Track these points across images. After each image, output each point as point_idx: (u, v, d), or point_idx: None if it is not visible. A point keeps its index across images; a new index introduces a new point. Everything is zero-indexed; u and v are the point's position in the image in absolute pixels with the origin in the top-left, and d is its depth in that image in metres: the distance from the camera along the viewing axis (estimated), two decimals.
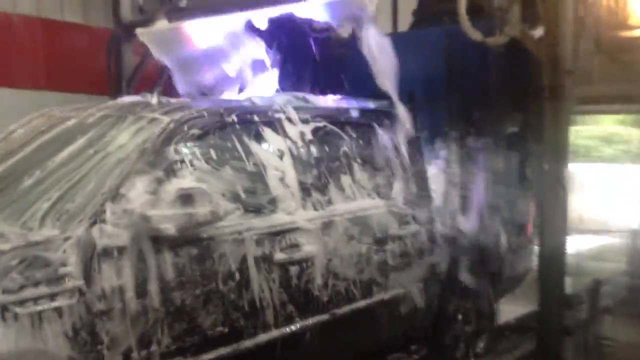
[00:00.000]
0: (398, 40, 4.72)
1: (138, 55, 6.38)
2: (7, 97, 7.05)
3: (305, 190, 3.88)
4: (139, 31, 5.66)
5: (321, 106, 4.37)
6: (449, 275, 4.81)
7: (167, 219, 3.04)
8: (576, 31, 4.16)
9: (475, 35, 4.31)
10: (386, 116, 4.72)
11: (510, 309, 5.79)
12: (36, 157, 3.52)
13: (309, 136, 4.08)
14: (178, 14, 5.54)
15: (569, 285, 4.39)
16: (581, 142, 12.10)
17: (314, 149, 4.08)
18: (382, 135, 4.62)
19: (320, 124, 4.20)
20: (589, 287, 5.41)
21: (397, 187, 4.53)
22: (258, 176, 3.68)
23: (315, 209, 3.89)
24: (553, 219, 4.15)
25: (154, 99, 3.76)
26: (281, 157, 3.84)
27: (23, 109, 4.51)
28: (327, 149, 4.19)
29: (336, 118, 4.34)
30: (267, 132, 3.84)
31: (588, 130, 12.69)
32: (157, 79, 6.31)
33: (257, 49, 5.50)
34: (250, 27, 5.40)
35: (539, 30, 4.12)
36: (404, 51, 4.60)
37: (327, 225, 3.92)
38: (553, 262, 4.17)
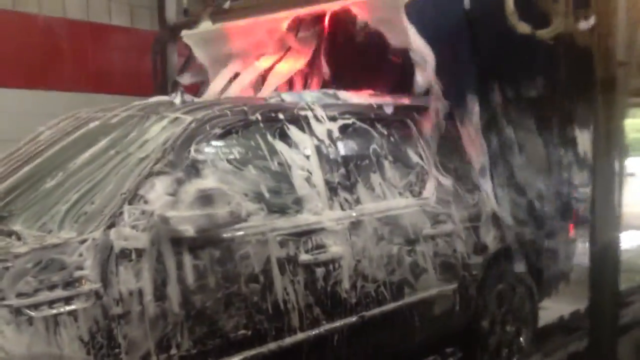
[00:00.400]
0: (421, 5, 4.51)
1: (183, 56, 6.37)
2: (57, 99, 7.17)
3: (332, 189, 3.77)
4: (184, 33, 5.68)
5: (350, 103, 4.25)
6: (490, 275, 4.63)
7: (186, 220, 2.96)
8: (630, 21, 3.97)
9: (524, 28, 4.12)
10: (420, 112, 4.58)
11: (561, 307, 5.71)
12: (59, 159, 3.49)
13: (336, 134, 3.97)
14: (222, 15, 5.55)
15: (622, 282, 4.20)
16: (636, 136, 11.64)
17: (342, 147, 3.96)
18: (415, 132, 4.47)
19: (349, 121, 4.09)
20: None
21: (430, 185, 4.37)
22: (283, 176, 3.59)
23: (343, 209, 3.78)
24: (605, 214, 3.99)
25: (177, 98, 3.69)
26: (307, 155, 3.74)
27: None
28: (355, 146, 4.07)
29: (366, 115, 4.22)
30: (293, 131, 3.74)
31: None
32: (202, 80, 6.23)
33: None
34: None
35: (591, 20, 3.96)
36: (429, 18, 4.50)
37: (355, 226, 3.80)
38: (605, 258, 4.01)
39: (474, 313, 4.55)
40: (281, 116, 3.72)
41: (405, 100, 4.65)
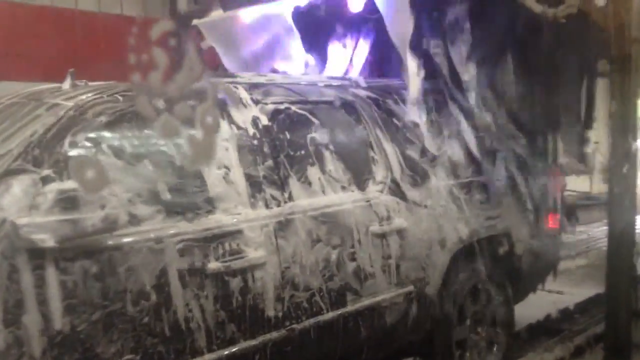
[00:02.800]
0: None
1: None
2: None
3: (255, 185, 3.16)
4: (195, 21, 5.47)
5: (286, 84, 3.62)
6: (452, 277, 4.00)
7: (43, 227, 2.37)
8: None
9: (537, 7, 3.92)
10: (380, 94, 3.96)
11: (577, 292, 5.62)
12: None
13: (264, 120, 3.35)
14: (233, 2, 5.33)
15: None
16: None
17: (270, 135, 3.34)
18: (367, 118, 3.84)
19: (282, 106, 3.46)
20: None
21: (381, 177, 3.74)
22: (190, 171, 2.97)
23: (268, 207, 3.17)
24: (621, 196, 3.83)
25: (66, 82, 3.08)
26: (224, 147, 3.11)
27: None
28: (289, 135, 3.44)
29: (304, 98, 3.58)
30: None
31: None
32: (214, 67, 6.01)
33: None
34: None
35: None
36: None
37: (284, 226, 3.19)
38: (622, 242, 3.88)
39: (435, 320, 3.92)
40: (191, 101, 3.09)
41: (359, 82, 4.03)
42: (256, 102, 3.36)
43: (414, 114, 4.08)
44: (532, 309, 5.16)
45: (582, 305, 5.60)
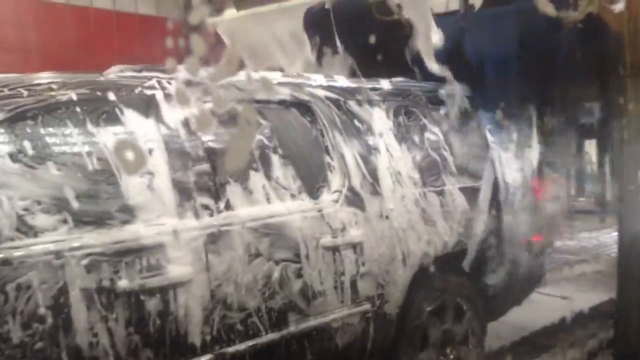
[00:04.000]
0: (470, 19, 4.37)
1: (208, 44, 5.84)
2: None
3: (184, 192, 2.79)
4: (209, 21, 5.10)
5: (230, 81, 3.24)
6: (416, 294, 3.62)
7: None
8: None
9: (550, 10, 3.79)
10: (342, 94, 3.59)
11: (586, 297, 5.55)
12: None
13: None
14: (246, 2, 5.38)
15: None
16: None
17: (207, 137, 2.96)
18: (324, 119, 3.46)
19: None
20: None
21: (337, 185, 3.36)
22: (106, 176, 2.61)
23: (198, 217, 2.79)
24: (634, 200, 3.73)
25: None
26: (149, 148, 2.74)
27: None
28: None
29: (250, 95, 3.21)
30: (129, 116, 2.76)
31: None
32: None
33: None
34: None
35: (619, 3, 3.77)
36: (477, 30, 4.28)
37: (217, 239, 2.82)
38: (633, 247, 3.76)
39: (396, 341, 3.54)
40: (112, 96, 2.73)
41: (320, 80, 3.65)
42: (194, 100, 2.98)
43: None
44: (543, 313, 5.16)
45: (592, 311, 5.48)
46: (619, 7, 3.79)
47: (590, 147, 7.15)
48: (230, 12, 5.38)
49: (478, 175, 4.02)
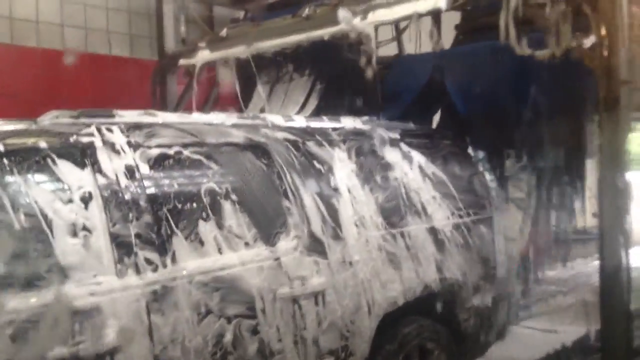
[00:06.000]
0: (444, 57, 4.38)
1: (182, 84, 6.05)
2: None
3: (123, 247, 2.53)
4: (182, 62, 5.59)
5: (178, 124, 3.01)
6: (382, 344, 3.37)
7: None
8: (630, 39, 3.70)
9: (522, 49, 3.69)
10: (301, 135, 3.37)
11: (569, 330, 5.37)
12: None
13: (144, 169, 2.72)
14: (219, 44, 5.36)
15: (636, 300, 3.84)
16: None
17: (152, 186, 2.73)
18: (281, 162, 3.22)
19: (170, 150, 2.84)
20: None
21: (296, 231, 3.11)
22: (34, 233, 2.35)
23: (140, 273, 2.52)
24: (613, 232, 3.66)
25: None
26: (85, 201, 2.49)
27: None
28: (177, 185, 2.82)
29: (200, 140, 2.97)
30: (63, 167, 2.51)
31: None
32: (201, 106, 6.02)
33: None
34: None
35: (591, 40, 3.66)
36: (450, 67, 4.29)
37: (161, 297, 2.55)
38: (614, 277, 3.68)
39: None
40: (43, 145, 2.48)
41: (276, 122, 3.43)
42: (135, 147, 2.74)
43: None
44: (527, 349, 4.91)
45: (577, 344, 5.20)
46: (590, 42, 3.69)
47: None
48: (204, 54, 5.42)
49: (445, 215, 3.79)
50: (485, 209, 4.08)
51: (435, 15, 4.50)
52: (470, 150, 4.24)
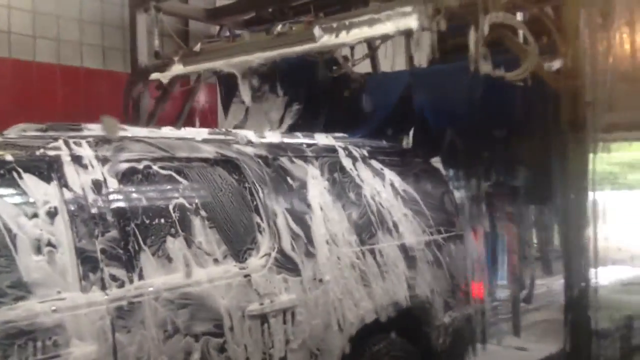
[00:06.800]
0: (417, 76, 4.38)
1: (154, 98, 6.04)
2: None
3: (88, 262, 2.46)
4: (155, 75, 5.57)
5: (148, 138, 2.96)
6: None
7: None
8: (594, 62, 3.80)
9: (489, 70, 3.69)
10: (273, 151, 3.34)
11: (538, 347, 5.32)
12: None
13: (112, 183, 2.66)
14: (193, 58, 5.31)
15: (602, 319, 3.93)
16: (607, 169, 10.58)
17: (118, 201, 2.68)
18: (253, 177, 3.18)
19: (139, 165, 2.78)
20: (620, 323, 4.79)
21: (266, 247, 3.07)
22: None
23: (106, 290, 2.46)
24: (578, 252, 3.71)
25: None
26: (50, 215, 2.42)
27: None
28: (145, 200, 2.77)
29: (170, 154, 2.92)
30: (28, 180, 2.44)
31: (613, 157, 11.20)
32: (174, 120, 6.07)
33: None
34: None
35: (557, 62, 3.77)
36: (424, 87, 4.31)
37: (126, 313, 2.48)
38: (579, 296, 3.71)
39: None
40: (9, 158, 2.42)
41: (245, 135, 3.40)
42: (103, 161, 2.68)
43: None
44: None
45: None
46: (556, 65, 3.77)
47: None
48: (177, 68, 5.40)
49: (417, 233, 3.78)
50: (456, 227, 4.09)
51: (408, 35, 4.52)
52: (441, 168, 4.26)
